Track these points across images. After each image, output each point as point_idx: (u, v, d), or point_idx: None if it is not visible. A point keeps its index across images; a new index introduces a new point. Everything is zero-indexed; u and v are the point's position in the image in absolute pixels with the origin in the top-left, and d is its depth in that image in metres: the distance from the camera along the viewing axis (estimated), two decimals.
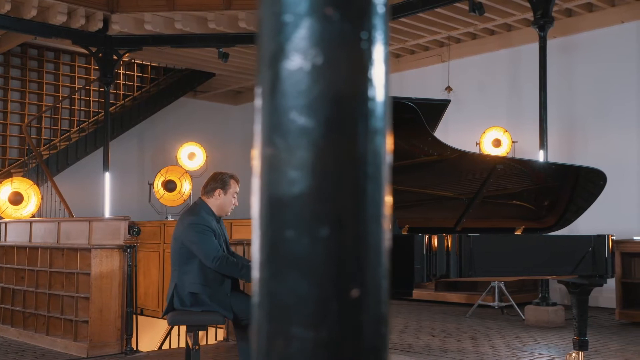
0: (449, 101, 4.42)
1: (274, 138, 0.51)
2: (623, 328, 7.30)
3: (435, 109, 4.30)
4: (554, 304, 7.65)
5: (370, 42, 0.52)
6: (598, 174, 4.78)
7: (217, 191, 4.39)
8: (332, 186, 0.51)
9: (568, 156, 9.17)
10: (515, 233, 4.77)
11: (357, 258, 0.51)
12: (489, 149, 9.41)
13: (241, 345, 4.51)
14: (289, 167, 0.51)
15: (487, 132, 9.60)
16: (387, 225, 0.53)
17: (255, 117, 0.54)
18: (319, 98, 0.51)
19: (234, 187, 4.45)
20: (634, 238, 7.86)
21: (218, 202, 4.39)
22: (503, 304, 8.47)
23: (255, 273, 0.53)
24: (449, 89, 10.36)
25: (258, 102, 0.53)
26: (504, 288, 8.40)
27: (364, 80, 0.52)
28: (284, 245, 0.51)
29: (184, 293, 4.24)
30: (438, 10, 9.34)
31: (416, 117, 3.69)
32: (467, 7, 8.65)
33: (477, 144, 9.60)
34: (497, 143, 9.48)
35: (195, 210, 4.37)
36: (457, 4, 9.01)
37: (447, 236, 3.77)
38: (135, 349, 6.11)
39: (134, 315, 6.17)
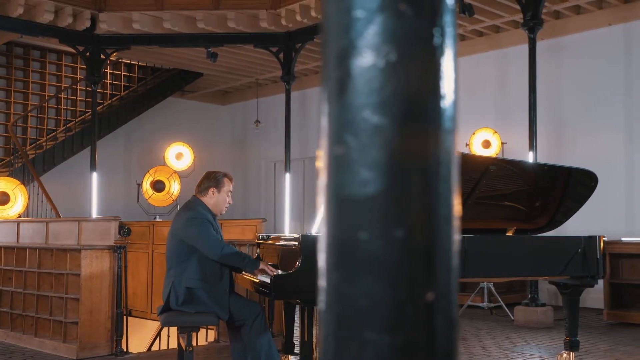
0: None
1: (344, 137, 0.50)
2: (611, 328, 7.35)
3: None
4: (543, 305, 7.68)
5: (442, 38, 0.51)
6: (589, 175, 4.80)
7: (211, 190, 4.38)
8: (407, 187, 0.50)
9: (556, 157, 9.22)
10: (507, 234, 4.78)
11: (431, 260, 0.50)
12: (478, 150, 9.44)
13: (234, 346, 4.49)
14: (361, 166, 0.49)
15: (477, 133, 9.63)
16: (457, 227, 0.52)
17: (322, 115, 0.52)
18: (392, 96, 0.49)
19: (228, 186, 4.44)
20: (622, 239, 7.92)
21: (212, 200, 4.38)
22: (492, 305, 8.49)
23: (322, 277, 0.51)
24: None
25: (325, 99, 0.52)
26: (493, 289, 8.42)
27: (437, 78, 0.51)
28: (356, 247, 0.50)
29: (180, 290, 4.21)
30: None
31: None
32: (456, 9, 8.66)
33: (466, 145, 9.63)
34: (486, 144, 9.52)
35: (192, 206, 4.36)
36: None
37: None
38: (125, 350, 6.07)
39: (124, 317, 6.12)
